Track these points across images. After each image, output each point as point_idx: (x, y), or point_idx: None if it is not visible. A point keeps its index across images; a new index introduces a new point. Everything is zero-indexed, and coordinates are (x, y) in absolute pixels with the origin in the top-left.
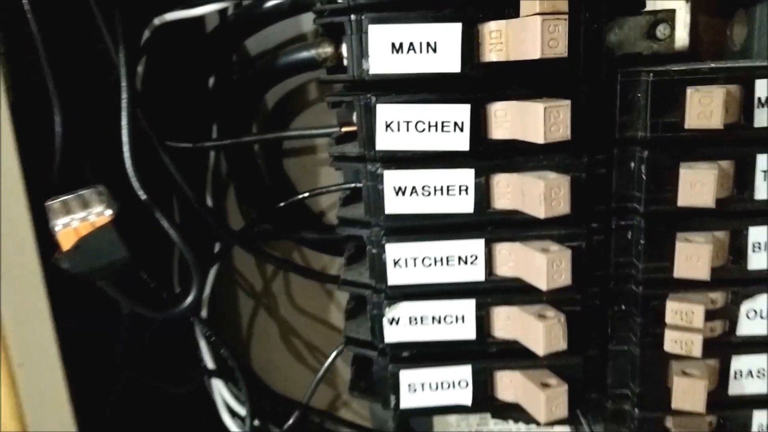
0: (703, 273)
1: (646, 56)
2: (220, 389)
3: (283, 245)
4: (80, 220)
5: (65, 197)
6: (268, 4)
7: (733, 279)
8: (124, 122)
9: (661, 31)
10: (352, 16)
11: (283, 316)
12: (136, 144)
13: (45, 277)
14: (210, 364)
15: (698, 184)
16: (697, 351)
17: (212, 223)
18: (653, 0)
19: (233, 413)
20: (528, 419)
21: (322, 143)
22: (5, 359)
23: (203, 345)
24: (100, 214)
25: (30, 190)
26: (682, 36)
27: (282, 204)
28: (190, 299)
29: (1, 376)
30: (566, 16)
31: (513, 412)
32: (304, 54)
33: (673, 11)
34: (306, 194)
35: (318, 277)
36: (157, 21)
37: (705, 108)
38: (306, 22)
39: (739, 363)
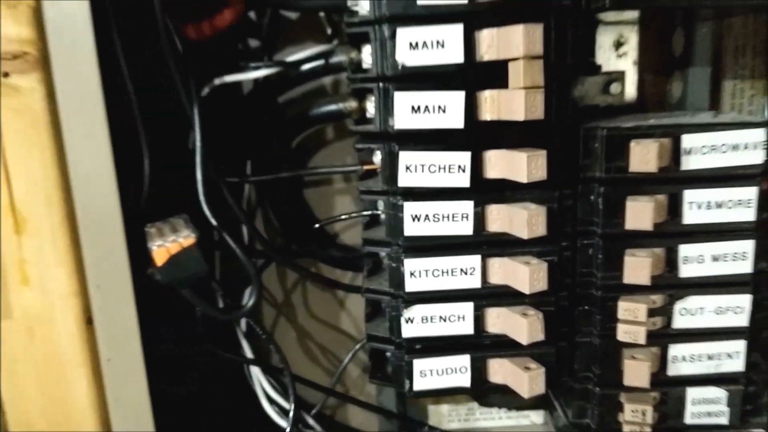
0: (644, 279)
1: (602, 108)
2: (260, 380)
3: (302, 262)
4: (171, 241)
5: (159, 224)
6: (305, 67)
7: (669, 284)
8: (198, 165)
9: (614, 88)
10: (381, 84)
11: (301, 323)
12: (206, 182)
13: (134, 286)
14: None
15: (639, 213)
16: (642, 339)
17: (261, 243)
18: (607, 61)
19: (271, 401)
20: (513, 399)
21: (337, 177)
22: (95, 354)
23: (244, 343)
24: (187, 237)
25: (124, 216)
26: (630, 91)
27: (317, 225)
28: (251, 303)
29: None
30: (542, 89)
31: (502, 392)
32: (333, 107)
33: (623, 72)
34: (337, 218)
35: (338, 287)
36: (217, 81)
37: (643, 156)
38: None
39: (675, 350)
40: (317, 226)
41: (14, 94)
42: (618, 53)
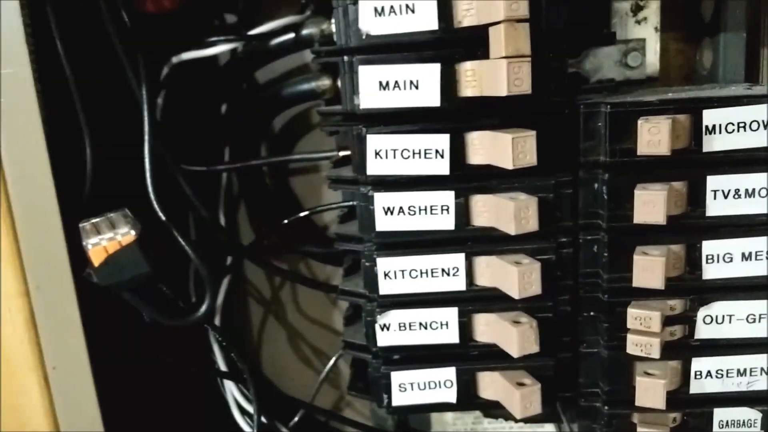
0: (657, 283)
1: (619, 82)
2: (231, 390)
3: (291, 257)
4: (108, 239)
5: (95, 219)
6: (274, 41)
7: (690, 288)
8: (146, 151)
9: (633, 59)
10: (345, 57)
11: (291, 323)
12: (156, 171)
13: (76, 289)
14: (223, 367)
15: (650, 203)
16: (655, 353)
17: (223, 239)
18: (624, 28)
19: (243, 411)
20: (508, 416)
21: (325, 164)
22: (40, 362)
23: (216, 350)
24: (125, 234)
25: (63, 212)
26: (652, 62)
27: (286, 221)
28: (203, 308)
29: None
30: (529, 59)
31: (494, 409)
32: (305, 86)
33: (643, 40)
34: (306, 212)
35: (316, 286)
36: (174, 59)
37: (654, 137)
38: (309, 54)
39: (699, 364)
40: (286, 221)
41: None
42: (637, 18)
